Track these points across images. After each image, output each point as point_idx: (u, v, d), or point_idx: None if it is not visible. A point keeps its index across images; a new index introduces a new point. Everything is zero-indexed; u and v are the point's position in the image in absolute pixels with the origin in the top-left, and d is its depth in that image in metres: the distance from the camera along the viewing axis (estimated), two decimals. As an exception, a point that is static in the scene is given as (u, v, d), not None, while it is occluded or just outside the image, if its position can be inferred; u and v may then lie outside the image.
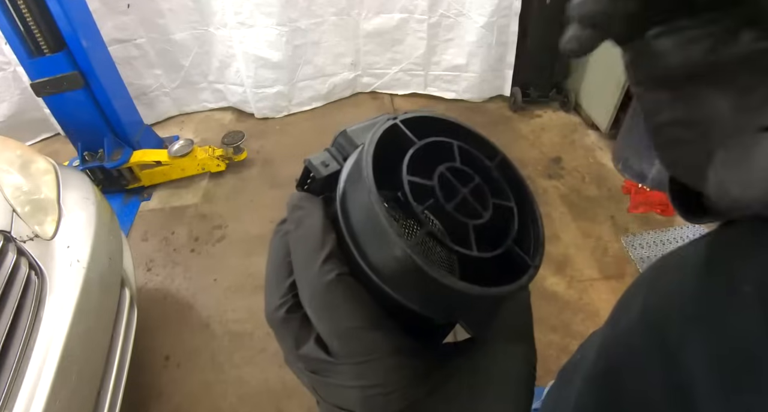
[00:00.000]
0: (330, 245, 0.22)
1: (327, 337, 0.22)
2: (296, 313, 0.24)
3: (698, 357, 0.25)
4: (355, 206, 0.23)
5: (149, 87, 2.97)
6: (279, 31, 2.75)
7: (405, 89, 3.26)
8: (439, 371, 0.23)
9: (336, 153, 0.27)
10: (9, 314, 0.98)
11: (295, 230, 0.24)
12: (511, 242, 0.24)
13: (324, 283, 0.22)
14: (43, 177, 1.31)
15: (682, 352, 0.26)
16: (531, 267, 0.24)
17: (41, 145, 2.97)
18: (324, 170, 0.26)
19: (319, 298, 0.22)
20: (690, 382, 0.25)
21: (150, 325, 1.81)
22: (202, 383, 1.66)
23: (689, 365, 0.25)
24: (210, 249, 2.17)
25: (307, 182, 0.27)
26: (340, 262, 0.22)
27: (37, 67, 2.05)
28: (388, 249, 0.21)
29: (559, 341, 1.72)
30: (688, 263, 0.31)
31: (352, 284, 0.22)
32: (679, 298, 0.29)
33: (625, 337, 0.35)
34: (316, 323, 0.23)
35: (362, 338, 0.22)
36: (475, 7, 2.75)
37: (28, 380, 0.96)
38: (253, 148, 2.78)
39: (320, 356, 0.22)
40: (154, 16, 2.73)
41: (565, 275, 1.97)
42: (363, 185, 0.21)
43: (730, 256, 0.26)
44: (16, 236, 1.11)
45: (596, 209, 2.26)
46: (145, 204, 2.47)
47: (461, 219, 0.23)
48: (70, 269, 1.15)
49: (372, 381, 0.22)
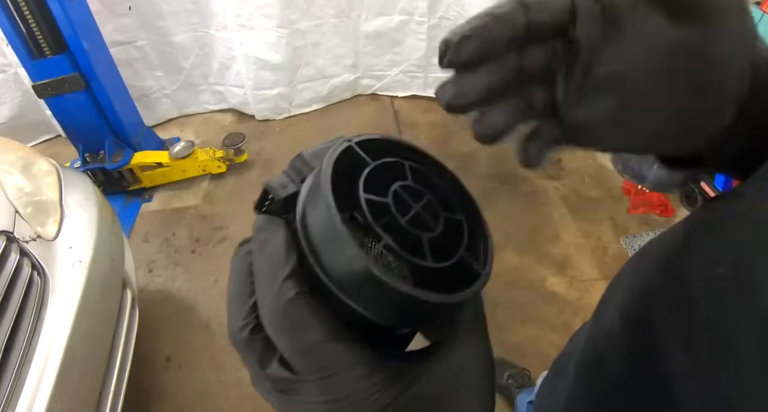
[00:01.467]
0: (291, 265, 0.23)
1: (289, 355, 0.23)
2: (259, 333, 0.24)
3: (675, 340, 0.26)
4: (315, 222, 0.23)
5: (150, 89, 2.98)
6: (279, 33, 2.76)
7: (405, 91, 3.26)
8: (403, 377, 0.23)
9: (293, 175, 0.27)
10: (12, 315, 0.98)
11: (258, 251, 0.24)
12: (463, 251, 0.25)
13: (283, 301, 0.22)
14: (45, 178, 1.31)
15: (660, 335, 0.27)
16: (482, 274, 0.25)
17: (42, 146, 2.97)
18: (282, 192, 0.27)
19: (278, 316, 0.22)
20: (667, 365, 0.26)
21: (151, 326, 1.81)
22: (204, 383, 1.66)
23: (667, 348, 0.26)
24: (211, 250, 2.17)
25: (265, 205, 0.28)
26: (300, 281, 0.23)
27: (39, 68, 2.05)
28: (348, 261, 0.22)
29: (560, 340, 1.72)
30: (666, 247, 0.32)
31: (311, 302, 0.22)
32: (657, 282, 0.30)
33: (607, 324, 0.36)
34: (277, 342, 0.23)
35: (323, 352, 0.22)
36: (474, 9, 2.74)
37: (30, 380, 0.96)
38: (254, 150, 2.79)
39: (284, 375, 0.23)
40: (155, 19, 2.74)
41: (565, 275, 1.98)
42: (322, 201, 0.22)
43: (705, 238, 0.27)
44: (19, 236, 1.12)
45: (596, 210, 2.27)
46: (146, 205, 2.47)
47: (415, 232, 0.24)
48: (73, 269, 1.15)
49: (337, 395, 0.22)
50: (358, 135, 0.27)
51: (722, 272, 0.23)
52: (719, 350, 0.22)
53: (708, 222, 0.29)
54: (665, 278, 0.29)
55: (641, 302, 0.31)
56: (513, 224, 2.20)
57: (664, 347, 0.26)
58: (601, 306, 0.41)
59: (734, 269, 0.23)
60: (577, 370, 0.41)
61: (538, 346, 1.71)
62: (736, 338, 0.22)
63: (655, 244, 0.35)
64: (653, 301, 0.29)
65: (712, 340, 0.23)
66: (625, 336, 0.32)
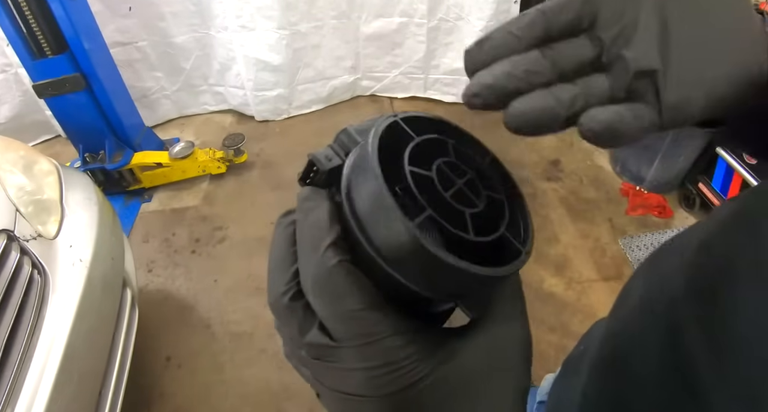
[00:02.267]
0: (334, 233, 0.23)
1: (329, 321, 0.23)
2: (300, 300, 0.24)
3: (696, 336, 0.25)
4: (360, 193, 0.24)
5: (150, 89, 2.98)
6: (279, 35, 2.77)
7: (404, 92, 3.27)
8: (441, 350, 0.23)
9: (338, 149, 0.28)
10: (12, 313, 0.98)
11: (303, 219, 0.25)
12: (504, 228, 0.25)
13: (326, 268, 0.22)
14: (46, 178, 1.32)
15: (680, 332, 0.27)
16: (523, 252, 0.25)
17: (42, 146, 2.97)
18: (327, 164, 0.27)
19: (320, 283, 0.23)
20: (689, 361, 0.25)
21: (151, 326, 1.81)
22: (203, 383, 1.67)
23: (687, 344, 0.26)
24: (211, 251, 2.18)
25: (309, 176, 0.28)
26: (343, 250, 0.23)
27: (40, 69, 2.06)
28: (395, 231, 0.22)
29: (558, 341, 1.72)
30: (685, 246, 0.31)
31: (352, 270, 0.23)
32: (676, 280, 0.30)
33: (626, 323, 0.35)
34: (318, 309, 0.23)
35: (364, 319, 0.22)
36: (474, 11, 2.77)
37: (30, 379, 0.96)
38: (254, 151, 2.80)
39: (324, 342, 0.23)
40: (156, 19, 2.74)
41: (563, 276, 1.98)
42: (369, 173, 0.23)
43: (726, 237, 0.27)
44: (20, 235, 1.12)
45: (594, 211, 2.27)
46: (146, 206, 2.48)
47: (458, 207, 0.24)
48: (73, 268, 1.16)
49: (375, 362, 0.22)
50: (405, 112, 0.27)
51: (744, 268, 0.23)
52: (745, 351, 0.22)
53: (727, 223, 0.28)
54: (685, 276, 0.29)
55: (661, 302, 0.30)
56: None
57: (685, 344, 0.26)
58: (619, 304, 0.41)
59: (756, 267, 0.23)
60: (595, 370, 0.41)
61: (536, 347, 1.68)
62: (760, 338, 0.21)
63: (670, 244, 0.35)
64: (674, 299, 0.29)
65: (734, 335, 0.23)
66: (645, 336, 0.31)
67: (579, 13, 0.24)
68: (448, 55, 3.04)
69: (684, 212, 2.27)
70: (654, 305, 0.32)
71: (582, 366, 0.44)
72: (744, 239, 0.25)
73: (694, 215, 2.24)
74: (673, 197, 2.32)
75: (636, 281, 0.38)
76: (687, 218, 2.24)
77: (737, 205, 0.29)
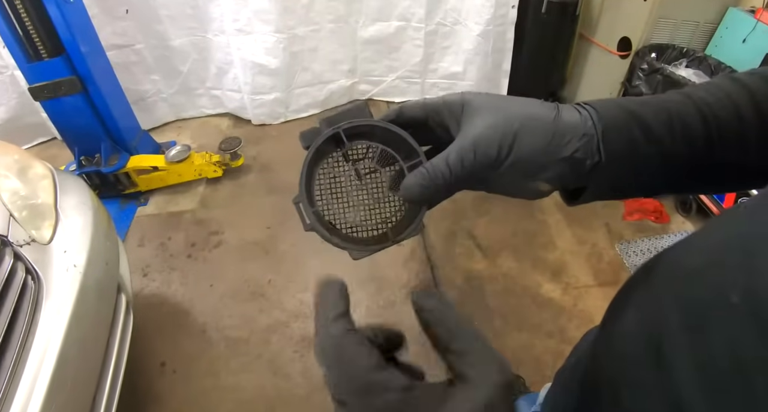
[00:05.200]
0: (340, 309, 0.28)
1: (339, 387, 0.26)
2: None
3: (685, 367, 0.26)
4: None
5: (147, 92, 2.98)
6: (277, 38, 2.77)
7: (402, 97, 3.28)
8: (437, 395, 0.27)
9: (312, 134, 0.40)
10: (5, 319, 0.97)
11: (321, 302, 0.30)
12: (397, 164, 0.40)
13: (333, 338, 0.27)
14: (40, 182, 1.31)
15: (672, 361, 0.27)
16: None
17: (38, 149, 2.96)
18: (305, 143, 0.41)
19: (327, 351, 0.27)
20: (679, 395, 0.25)
21: (146, 331, 1.80)
22: (198, 389, 1.65)
23: (678, 376, 0.26)
24: (207, 255, 2.17)
25: None
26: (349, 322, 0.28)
27: (36, 71, 2.05)
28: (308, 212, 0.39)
29: (555, 347, 1.72)
30: (676, 271, 0.31)
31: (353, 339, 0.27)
32: (669, 308, 0.29)
33: (619, 345, 0.35)
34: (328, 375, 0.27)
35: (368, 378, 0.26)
36: (471, 15, 2.78)
37: (23, 385, 0.95)
38: (250, 155, 2.79)
39: None
40: (153, 22, 2.74)
41: (560, 281, 1.98)
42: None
43: (716, 264, 0.27)
44: (13, 240, 1.11)
45: (591, 217, 2.28)
46: (142, 209, 2.46)
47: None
48: (67, 274, 1.15)
49: None
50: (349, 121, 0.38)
51: (735, 300, 0.23)
52: (735, 383, 0.22)
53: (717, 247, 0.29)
54: (679, 305, 0.29)
55: (656, 328, 0.30)
56: (509, 231, 2.21)
57: (676, 374, 0.26)
58: (608, 324, 0.41)
59: (747, 297, 0.23)
60: (585, 388, 0.40)
61: (533, 352, 1.71)
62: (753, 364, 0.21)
63: (662, 265, 0.35)
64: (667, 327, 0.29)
65: (724, 367, 0.23)
66: (639, 362, 0.31)
67: None
68: (446, 59, 3.05)
69: (681, 217, 2.28)
70: (642, 331, 0.32)
71: (574, 383, 0.44)
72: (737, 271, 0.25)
73: (690, 220, 2.25)
74: (669, 202, 2.33)
75: (628, 298, 0.38)
76: (684, 223, 2.25)
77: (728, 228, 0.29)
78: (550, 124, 0.33)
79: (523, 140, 0.32)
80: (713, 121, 0.36)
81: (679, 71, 2.24)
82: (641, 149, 0.35)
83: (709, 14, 2.33)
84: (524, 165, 0.33)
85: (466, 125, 0.33)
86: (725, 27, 2.30)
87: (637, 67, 2.35)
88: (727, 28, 2.29)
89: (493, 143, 0.32)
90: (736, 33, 2.22)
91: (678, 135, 0.35)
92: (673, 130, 0.35)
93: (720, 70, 2.19)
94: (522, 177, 0.34)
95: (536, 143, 0.33)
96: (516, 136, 0.32)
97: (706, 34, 2.39)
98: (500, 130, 0.32)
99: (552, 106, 0.35)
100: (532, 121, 0.33)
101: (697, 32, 2.38)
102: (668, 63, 2.31)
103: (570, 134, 0.33)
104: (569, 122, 0.34)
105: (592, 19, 2.71)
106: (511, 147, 0.32)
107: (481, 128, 0.33)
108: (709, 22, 2.35)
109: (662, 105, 0.37)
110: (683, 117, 0.36)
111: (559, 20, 2.66)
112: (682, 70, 2.28)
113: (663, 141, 0.35)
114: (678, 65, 2.32)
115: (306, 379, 1.65)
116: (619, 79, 2.51)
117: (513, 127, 0.32)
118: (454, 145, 0.33)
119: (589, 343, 0.44)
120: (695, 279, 0.28)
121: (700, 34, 2.39)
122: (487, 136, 0.32)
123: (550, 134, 0.33)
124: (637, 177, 0.37)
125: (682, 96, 0.37)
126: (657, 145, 0.35)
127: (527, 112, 0.34)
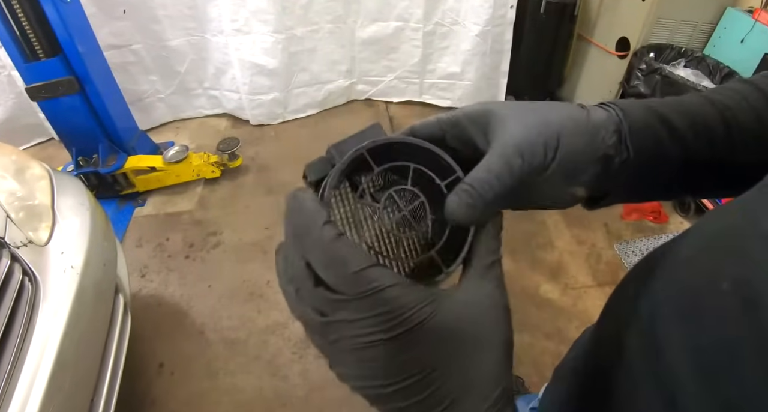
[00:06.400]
0: (325, 214, 0.27)
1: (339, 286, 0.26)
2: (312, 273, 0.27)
3: (679, 352, 0.27)
4: None
5: (145, 93, 2.97)
6: (275, 39, 2.77)
7: (400, 97, 3.28)
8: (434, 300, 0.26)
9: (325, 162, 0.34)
10: (2, 321, 0.97)
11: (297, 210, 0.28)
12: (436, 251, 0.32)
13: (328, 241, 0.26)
14: (37, 183, 1.30)
15: (667, 348, 0.28)
16: (443, 272, 0.31)
17: (35, 149, 2.95)
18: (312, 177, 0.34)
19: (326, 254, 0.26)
20: (672, 379, 0.27)
21: (144, 332, 1.79)
22: (197, 390, 1.65)
23: (671, 359, 0.27)
24: (205, 256, 2.16)
25: None
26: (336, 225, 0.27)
27: (33, 71, 2.04)
28: None
29: (554, 348, 1.72)
30: (672, 261, 0.33)
31: (348, 240, 0.26)
32: (664, 296, 0.31)
33: (614, 335, 0.36)
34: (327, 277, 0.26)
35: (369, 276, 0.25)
36: (470, 16, 2.78)
37: (21, 386, 0.94)
38: (249, 155, 2.79)
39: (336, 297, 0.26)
40: (151, 23, 2.73)
41: (559, 282, 1.98)
42: None
43: (709, 254, 0.29)
44: (10, 241, 1.10)
45: (590, 217, 2.28)
46: (140, 210, 2.46)
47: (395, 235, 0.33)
48: (64, 275, 1.14)
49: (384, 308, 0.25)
50: (374, 140, 0.32)
51: (726, 287, 0.25)
52: (725, 365, 0.23)
53: (711, 239, 0.30)
54: (673, 293, 0.30)
55: (650, 318, 0.32)
56: (507, 231, 2.18)
57: (669, 359, 0.27)
58: (605, 318, 0.42)
59: (736, 285, 0.24)
60: (580, 379, 0.42)
61: (532, 353, 1.71)
62: (740, 353, 0.22)
63: (659, 258, 0.36)
64: (662, 315, 0.30)
65: (717, 351, 0.24)
66: (632, 349, 0.33)
67: None
68: (444, 59, 3.05)
69: (679, 217, 2.28)
70: (639, 320, 0.33)
71: (570, 375, 0.46)
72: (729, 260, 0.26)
73: (689, 220, 2.25)
74: (668, 202, 2.33)
75: (625, 293, 0.40)
76: (682, 223, 2.25)
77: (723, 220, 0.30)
78: (587, 124, 0.33)
79: (564, 140, 0.32)
80: (734, 124, 0.36)
81: (678, 71, 2.25)
82: (665, 148, 0.35)
83: (708, 14, 2.33)
84: (565, 167, 0.33)
85: (500, 133, 0.32)
86: (723, 27, 2.30)
87: (636, 68, 2.36)
88: (726, 29, 2.29)
89: (538, 145, 0.31)
90: (735, 33, 2.23)
91: (701, 136, 0.36)
92: (696, 130, 0.36)
93: (718, 70, 2.19)
94: (563, 181, 0.34)
95: (577, 143, 0.32)
96: (558, 136, 0.32)
97: (704, 34, 2.40)
98: (543, 132, 0.32)
99: (578, 106, 0.35)
100: (569, 121, 0.33)
101: (696, 32, 2.39)
102: (667, 63, 2.32)
103: (602, 132, 0.34)
104: (599, 120, 0.34)
105: (590, 20, 2.71)
106: (556, 148, 0.32)
107: (520, 132, 0.32)
108: (708, 22, 2.36)
109: (684, 106, 0.37)
110: (705, 118, 0.36)
111: (557, 20, 2.66)
112: (681, 70, 2.28)
113: (686, 141, 0.35)
114: (676, 65, 2.32)
115: (304, 380, 1.64)
116: (618, 79, 2.51)
117: (553, 128, 0.32)
118: (492, 155, 0.31)
119: (588, 335, 0.45)
120: (689, 268, 0.30)
121: (699, 34, 2.40)
122: (530, 139, 0.31)
123: (588, 133, 0.33)
124: (658, 177, 0.37)
125: (702, 98, 0.38)
126: (680, 144, 0.35)
127: (562, 113, 0.33)
